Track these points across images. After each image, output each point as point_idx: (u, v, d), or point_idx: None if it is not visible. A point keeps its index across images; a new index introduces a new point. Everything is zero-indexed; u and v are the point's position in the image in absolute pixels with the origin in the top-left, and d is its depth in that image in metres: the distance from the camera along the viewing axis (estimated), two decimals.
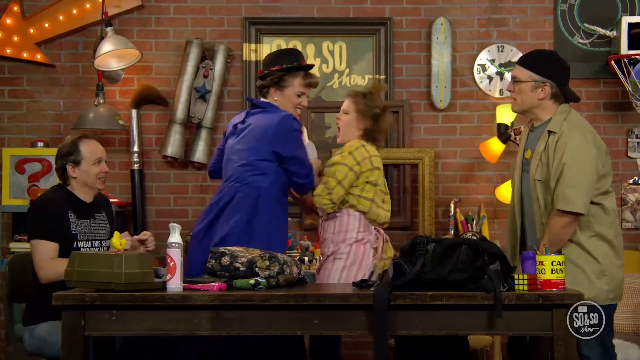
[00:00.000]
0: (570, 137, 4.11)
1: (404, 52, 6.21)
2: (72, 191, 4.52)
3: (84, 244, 4.45)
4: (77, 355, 3.58)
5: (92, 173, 4.49)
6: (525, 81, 4.22)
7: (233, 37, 6.22)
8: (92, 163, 4.50)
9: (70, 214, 4.44)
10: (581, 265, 4.12)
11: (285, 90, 4.54)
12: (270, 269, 3.79)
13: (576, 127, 4.17)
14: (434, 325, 3.63)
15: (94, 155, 4.51)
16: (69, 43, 6.22)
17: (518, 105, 4.30)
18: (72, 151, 4.49)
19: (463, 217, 6.00)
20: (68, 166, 4.49)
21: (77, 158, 4.48)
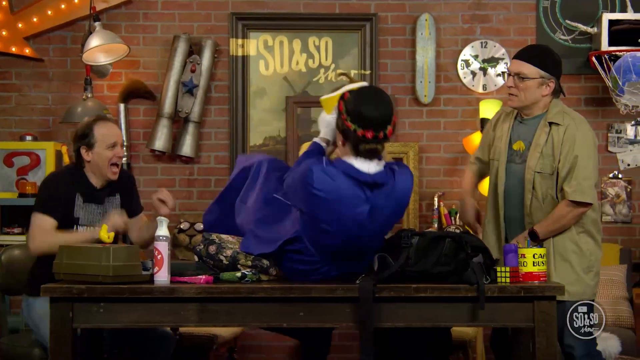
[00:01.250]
0: (578, 129, 4.12)
1: (389, 48, 6.27)
2: (85, 174, 4.39)
3: (84, 229, 4.35)
4: (65, 347, 3.60)
5: (105, 157, 4.32)
6: (533, 78, 4.17)
7: (220, 32, 6.26)
8: (106, 147, 4.32)
9: (78, 197, 4.33)
10: (570, 260, 4.14)
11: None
12: (252, 268, 3.83)
13: (579, 119, 4.20)
14: (418, 317, 3.66)
15: (108, 139, 4.33)
16: (58, 37, 6.25)
17: (520, 102, 4.22)
18: (87, 133, 4.33)
19: (447, 210, 6.07)
20: (82, 149, 4.33)
21: (90, 141, 4.32)
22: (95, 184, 4.40)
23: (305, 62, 6.27)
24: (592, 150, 4.15)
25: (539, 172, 4.15)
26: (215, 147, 6.26)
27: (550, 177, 4.13)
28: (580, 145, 4.09)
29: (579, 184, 4.07)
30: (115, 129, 4.45)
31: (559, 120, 4.15)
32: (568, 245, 4.15)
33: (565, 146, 4.10)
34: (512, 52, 6.21)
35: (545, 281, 3.72)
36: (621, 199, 6.24)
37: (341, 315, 3.64)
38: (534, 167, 4.15)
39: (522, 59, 4.23)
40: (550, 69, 4.18)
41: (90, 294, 3.59)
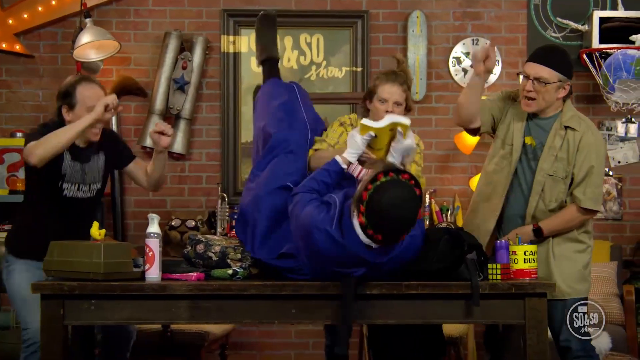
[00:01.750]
0: (595, 138, 4.11)
1: (380, 45, 6.27)
2: None
3: (69, 186, 4.21)
4: (56, 344, 3.60)
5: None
6: (553, 82, 4.07)
7: (211, 29, 6.25)
8: (87, 109, 4.13)
9: (66, 153, 4.17)
10: (574, 258, 4.13)
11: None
12: (242, 261, 3.83)
13: (593, 127, 4.19)
14: (410, 314, 3.68)
15: (90, 101, 4.15)
16: (48, 34, 6.23)
17: (538, 106, 4.12)
18: (70, 92, 4.19)
19: (438, 207, 6.08)
20: (63, 108, 4.20)
21: (72, 101, 4.18)
22: (77, 143, 4.22)
23: (297, 59, 6.27)
24: (604, 160, 4.21)
25: (551, 176, 4.10)
26: (207, 144, 6.26)
27: (562, 181, 4.09)
28: (596, 154, 4.08)
29: (592, 192, 4.07)
30: (98, 90, 4.25)
31: (575, 125, 4.10)
32: (570, 245, 4.14)
33: (582, 153, 4.07)
34: (504, 49, 6.24)
35: (536, 278, 3.73)
36: (612, 196, 6.26)
37: (332, 312, 3.64)
38: (548, 170, 4.09)
39: (542, 63, 4.10)
40: (568, 71, 4.12)
41: (82, 291, 3.59)
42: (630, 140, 6.26)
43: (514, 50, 6.28)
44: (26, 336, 4.10)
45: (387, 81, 4.15)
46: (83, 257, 3.63)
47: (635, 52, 5.72)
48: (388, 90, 4.11)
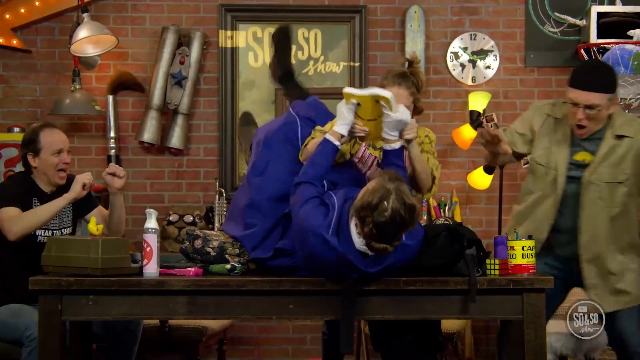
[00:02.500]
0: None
1: (378, 40, 6.26)
2: (34, 180, 4.43)
3: (43, 232, 4.36)
4: (53, 339, 3.61)
5: (50, 163, 4.37)
6: (603, 104, 3.95)
7: (209, 23, 6.24)
8: (52, 153, 4.38)
9: (35, 202, 4.37)
10: (635, 269, 4.10)
11: None
12: (240, 256, 3.83)
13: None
14: (407, 310, 3.69)
15: (54, 145, 4.39)
16: (45, 29, 6.22)
17: (592, 130, 4.03)
18: (33, 139, 4.40)
19: (436, 202, 6.08)
20: (28, 155, 4.40)
21: (36, 147, 4.38)
22: (45, 190, 4.44)
23: (295, 54, 6.25)
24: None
25: (609, 183, 4.01)
26: (204, 139, 6.25)
27: (621, 185, 4.02)
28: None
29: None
30: (61, 135, 4.49)
31: (628, 132, 4.02)
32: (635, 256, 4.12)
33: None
34: (502, 44, 6.23)
35: (534, 273, 3.74)
36: None
37: (330, 308, 3.65)
38: (605, 179, 4.01)
39: (590, 89, 3.94)
40: (614, 85, 4.01)
41: (79, 286, 3.60)
42: None
43: (511, 45, 6.28)
44: (28, 331, 4.12)
45: (394, 84, 4.02)
46: (81, 253, 3.63)
47: (632, 47, 5.72)
48: (395, 93, 3.88)
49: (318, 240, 3.50)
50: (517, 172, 6.19)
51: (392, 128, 3.76)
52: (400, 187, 3.44)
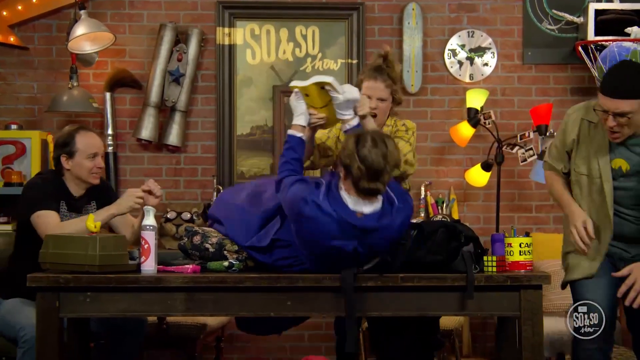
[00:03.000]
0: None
1: (376, 37, 6.26)
2: (65, 182, 4.42)
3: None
4: (51, 337, 3.61)
5: (85, 167, 4.36)
6: (635, 110, 3.76)
7: (207, 21, 6.24)
8: (86, 157, 4.36)
9: (62, 205, 4.36)
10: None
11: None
12: (239, 253, 3.83)
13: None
14: (405, 307, 3.70)
15: (89, 149, 4.38)
16: (43, 26, 6.21)
17: (625, 136, 3.85)
18: (68, 142, 4.37)
19: (433, 199, 6.09)
20: (62, 157, 4.36)
21: (71, 150, 4.35)
22: (74, 193, 4.43)
23: (292, 51, 6.26)
24: None
25: (632, 189, 3.88)
26: (202, 137, 6.25)
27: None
28: None
29: None
30: (96, 139, 4.47)
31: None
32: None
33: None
34: (499, 41, 6.24)
35: (532, 270, 3.74)
36: None
37: (328, 304, 3.66)
38: (628, 186, 3.89)
39: (619, 97, 3.76)
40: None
41: (77, 283, 3.60)
42: None
43: (509, 43, 6.28)
44: (22, 332, 4.13)
45: (370, 78, 4.26)
46: (78, 250, 3.63)
47: (630, 45, 5.71)
48: (371, 87, 4.23)
49: (311, 206, 3.56)
50: (515, 169, 6.20)
51: (343, 108, 3.96)
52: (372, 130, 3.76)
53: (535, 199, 6.26)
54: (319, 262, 3.69)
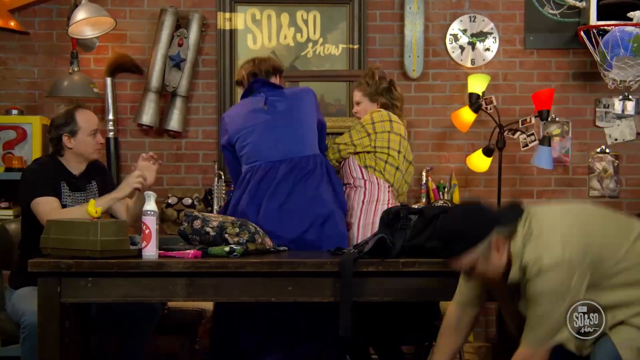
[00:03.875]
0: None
1: (377, 22, 6.24)
2: (63, 163, 4.48)
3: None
4: (53, 322, 3.62)
5: (89, 144, 4.46)
6: None
7: (207, 5, 6.21)
8: (89, 134, 4.46)
9: (63, 185, 4.41)
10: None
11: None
12: (239, 236, 3.84)
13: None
14: (406, 292, 3.70)
15: (91, 125, 4.48)
16: (43, 10, 6.19)
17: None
18: (69, 121, 4.44)
19: (435, 185, 6.08)
20: (64, 137, 4.43)
21: (73, 128, 4.43)
22: (74, 172, 4.49)
23: (294, 36, 6.24)
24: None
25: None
26: (203, 122, 6.24)
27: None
28: None
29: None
30: (94, 116, 4.60)
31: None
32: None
33: None
34: (501, 26, 6.23)
35: None
36: (608, 174, 6.27)
37: (329, 289, 3.66)
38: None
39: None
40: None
41: (78, 268, 3.60)
42: (627, 117, 6.26)
43: (511, 28, 6.26)
44: (22, 317, 4.16)
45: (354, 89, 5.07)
46: (80, 235, 3.64)
47: (632, 29, 5.70)
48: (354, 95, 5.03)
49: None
50: (517, 154, 6.19)
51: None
52: None
53: (537, 184, 6.26)
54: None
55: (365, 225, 4.54)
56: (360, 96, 4.91)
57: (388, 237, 3.69)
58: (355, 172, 4.65)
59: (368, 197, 4.60)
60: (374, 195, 4.60)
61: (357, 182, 4.64)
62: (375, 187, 4.61)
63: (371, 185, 4.61)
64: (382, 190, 4.61)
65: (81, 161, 4.49)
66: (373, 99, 4.87)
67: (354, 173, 4.66)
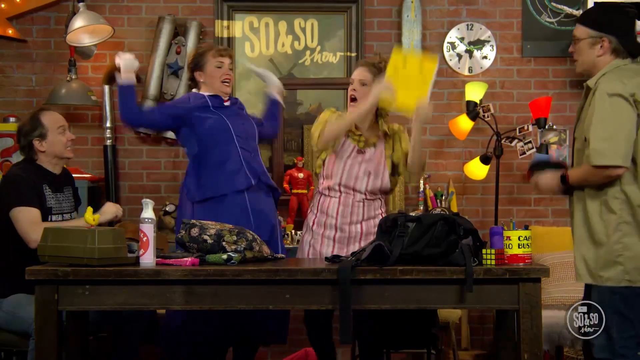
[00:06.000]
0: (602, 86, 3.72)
1: (375, 30, 6.25)
2: (41, 165, 4.52)
3: (57, 217, 4.47)
4: (50, 329, 3.61)
5: (60, 142, 4.51)
6: (582, 39, 3.83)
7: (205, 13, 6.22)
8: (58, 133, 4.51)
9: (45, 188, 4.44)
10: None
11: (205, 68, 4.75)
12: (237, 244, 3.83)
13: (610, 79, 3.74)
14: (404, 300, 3.69)
15: (57, 124, 4.53)
16: (41, 18, 6.20)
17: (580, 66, 3.90)
18: (36, 126, 4.49)
19: (432, 193, 6.09)
20: (35, 141, 4.48)
21: (42, 131, 4.48)
22: (53, 171, 4.55)
23: (291, 44, 6.25)
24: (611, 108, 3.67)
25: (577, 138, 3.86)
26: None
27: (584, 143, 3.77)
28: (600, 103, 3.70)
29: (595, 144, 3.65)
30: (59, 115, 4.64)
31: (592, 83, 3.80)
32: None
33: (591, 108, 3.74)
34: (499, 34, 6.24)
35: (531, 263, 3.74)
36: None
37: (326, 297, 3.66)
38: (575, 133, 3.88)
39: (577, 21, 3.95)
40: (603, 26, 3.81)
41: (76, 276, 3.60)
42: None
43: (508, 36, 6.27)
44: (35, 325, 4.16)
45: (359, 66, 4.75)
46: (77, 243, 3.63)
47: None
48: (356, 72, 4.72)
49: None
50: (514, 162, 6.20)
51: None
52: None
53: (534, 192, 6.26)
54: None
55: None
56: (370, 79, 4.58)
57: (386, 244, 3.69)
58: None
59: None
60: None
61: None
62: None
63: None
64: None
65: (57, 162, 4.56)
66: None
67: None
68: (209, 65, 4.72)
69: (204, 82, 4.74)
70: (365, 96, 4.52)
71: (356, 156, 4.50)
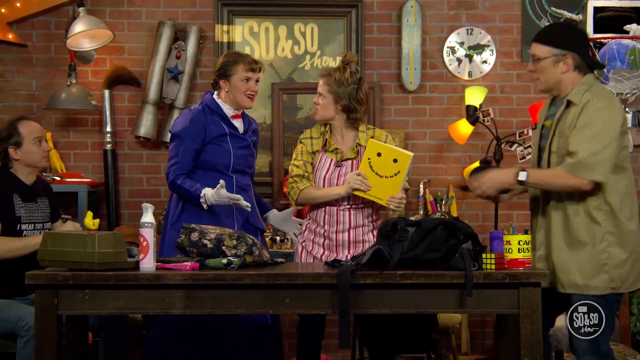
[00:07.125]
0: (596, 103, 3.81)
1: (375, 34, 6.26)
2: (14, 174, 4.52)
3: (27, 226, 4.48)
4: (50, 334, 3.61)
5: (36, 153, 4.52)
6: (545, 57, 3.95)
7: (205, 18, 6.23)
8: (33, 143, 4.51)
9: (15, 197, 4.45)
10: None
11: (232, 78, 4.65)
12: (237, 248, 3.83)
13: (601, 95, 3.87)
14: (404, 304, 3.69)
15: (33, 134, 4.53)
16: (41, 23, 6.20)
17: (543, 84, 4.01)
18: (12, 133, 4.51)
19: (432, 197, 6.09)
20: (10, 149, 4.49)
21: (17, 140, 4.49)
22: (26, 182, 4.55)
23: (291, 49, 6.26)
24: (610, 124, 3.80)
25: (555, 152, 3.92)
26: None
27: (564, 156, 3.86)
28: (594, 114, 3.79)
29: (582, 154, 3.75)
30: (37, 125, 4.66)
31: (577, 99, 3.87)
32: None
33: (579, 120, 3.82)
34: (498, 38, 6.25)
35: (531, 267, 3.74)
36: None
37: (326, 301, 3.65)
38: (553, 148, 3.92)
39: (535, 40, 4.05)
40: (564, 44, 3.94)
41: (75, 280, 3.59)
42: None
43: (508, 40, 6.28)
44: (22, 322, 4.19)
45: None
46: (77, 247, 3.62)
47: (629, 42, 5.72)
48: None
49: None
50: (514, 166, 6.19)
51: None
52: None
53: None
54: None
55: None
56: (325, 90, 4.52)
57: (385, 248, 3.69)
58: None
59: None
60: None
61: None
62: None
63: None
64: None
65: (31, 171, 4.56)
66: (336, 100, 4.48)
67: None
68: (237, 76, 4.62)
69: (226, 91, 4.68)
70: (324, 107, 4.52)
71: (334, 170, 4.49)
